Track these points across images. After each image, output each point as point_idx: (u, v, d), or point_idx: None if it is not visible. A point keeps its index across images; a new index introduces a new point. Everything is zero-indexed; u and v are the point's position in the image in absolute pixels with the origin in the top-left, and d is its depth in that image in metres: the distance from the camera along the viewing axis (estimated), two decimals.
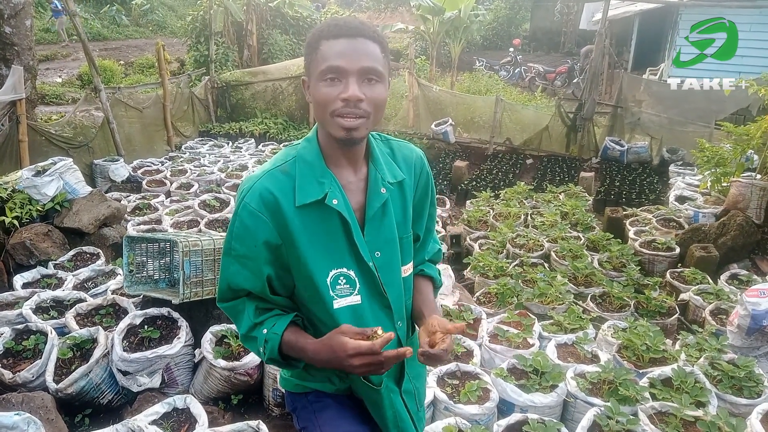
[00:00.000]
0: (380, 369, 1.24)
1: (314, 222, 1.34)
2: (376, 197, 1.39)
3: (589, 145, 9.28)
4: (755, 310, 3.29)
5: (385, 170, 1.42)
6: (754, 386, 3.01)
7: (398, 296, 1.47)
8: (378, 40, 1.28)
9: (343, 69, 1.23)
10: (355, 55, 1.24)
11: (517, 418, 2.72)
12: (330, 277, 1.36)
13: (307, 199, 1.31)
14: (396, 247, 1.44)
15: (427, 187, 1.55)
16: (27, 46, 6.33)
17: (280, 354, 1.38)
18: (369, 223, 1.39)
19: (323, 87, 1.25)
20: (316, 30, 1.31)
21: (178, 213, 5.96)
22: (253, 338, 1.40)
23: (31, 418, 2.42)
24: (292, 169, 1.35)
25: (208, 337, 3.23)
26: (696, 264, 4.86)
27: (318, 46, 1.27)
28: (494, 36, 20.88)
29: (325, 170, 1.35)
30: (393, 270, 1.44)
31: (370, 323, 1.40)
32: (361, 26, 1.27)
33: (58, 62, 15.84)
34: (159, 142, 9.03)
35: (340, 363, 1.25)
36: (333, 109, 1.25)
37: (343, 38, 1.25)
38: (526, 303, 4.15)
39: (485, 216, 6.26)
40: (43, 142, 6.58)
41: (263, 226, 1.31)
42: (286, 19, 14.27)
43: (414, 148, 1.54)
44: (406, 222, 1.47)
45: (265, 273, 1.36)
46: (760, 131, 5.52)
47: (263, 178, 1.33)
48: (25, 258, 4.41)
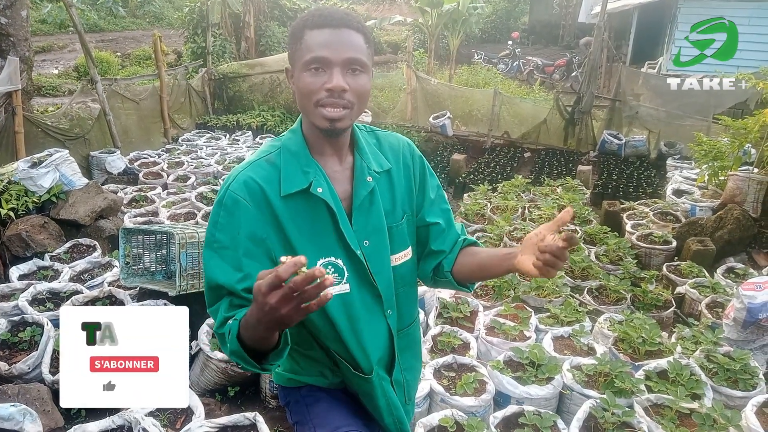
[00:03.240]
0: (300, 300, 1.01)
1: (301, 211, 1.33)
2: (362, 186, 1.39)
3: (587, 139, 9.26)
4: (751, 303, 3.30)
5: (371, 159, 1.42)
6: (749, 379, 3.02)
7: (388, 285, 1.46)
8: (362, 31, 1.29)
9: (328, 59, 1.23)
10: (340, 45, 1.24)
11: (513, 410, 2.73)
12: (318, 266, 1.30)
13: (292, 188, 1.31)
14: (384, 235, 1.43)
15: (424, 171, 1.54)
16: (23, 36, 6.28)
17: (239, 341, 1.19)
18: (356, 211, 1.39)
19: (307, 77, 1.25)
20: (300, 19, 1.31)
21: (175, 205, 5.94)
22: (221, 334, 1.28)
23: (27, 410, 2.42)
24: (277, 159, 1.35)
25: (204, 330, 3.23)
26: (692, 257, 4.87)
27: (302, 35, 1.27)
28: (493, 29, 20.80)
29: (310, 159, 1.36)
30: (382, 259, 1.44)
31: (360, 312, 1.40)
32: (346, 17, 1.28)
33: (55, 53, 15.75)
34: (156, 134, 8.99)
35: (263, 311, 1.05)
36: (317, 99, 1.25)
37: (328, 28, 1.25)
38: (522, 296, 4.15)
39: (483, 209, 6.25)
40: (39, 134, 6.54)
41: (248, 214, 1.29)
42: (284, 11, 14.20)
43: (400, 137, 1.54)
44: (395, 211, 1.46)
45: (244, 267, 1.28)
46: (757, 125, 5.51)
47: (248, 168, 1.33)
48: (21, 250, 4.40)
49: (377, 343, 1.47)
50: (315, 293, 1.00)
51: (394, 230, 1.46)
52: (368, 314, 1.44)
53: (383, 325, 1.48)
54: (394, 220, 1.46)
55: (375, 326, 1.46)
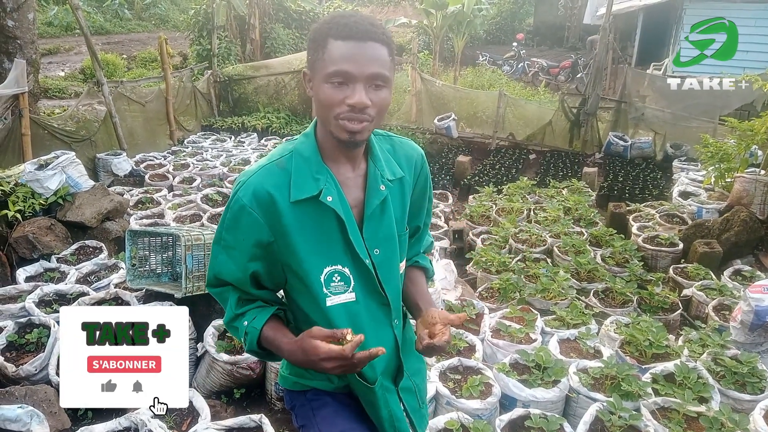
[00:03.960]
0: (354, 369, 1.25)
1: (309, 218, 1.32)
2: (375, 194, 1.37)
3: (593, 141, 9.24)
4: (758, 306, 3.28)
5: (384, 167, 1.40)
6: (757, 382, 3.00)
7: (396, 294, 1.46)
8: (387, 43, 1.26)
9: (352, 74, 1.21)
10: (365, 60, 1.21)
11: (520, 413, 2.73)
12: (324, 274, 1.34)
13: (301, 194, 1.30)
14: (395, 244, 1.43)
15: (426, 185, 1.56)
16: (29, 39, 6.33)
17: (259, 347, 1.39)
18: (368, 220, 1.38)
19: (329, 89, 1.23)
20: (323, 25, 1.27)
21: (181, 207, 5.96)
22: (234, 328, 1.43)
23: (34, 411, 2.43)
24: (288, 163, 1.34)
25: (210, 331, 3.24)
26: (699, 260, 4.84)
27: (325, 44, 1.23)
28: (497, 30, 20.79)
29: (322, 166, 1.34)
30: (392, 267, 1.43)
31: (365, 321, 1.40)
32: (372, 28, 1.24)
33: (61, 56, 15.83)
34: (162, 136, 9.02)
35: (314, 365, 1.25)
36: (338, 112, 1.23)
37: (353, 41, 1.21)
38: (528, 298, 4.14)
39: (488, 211, 6.25)
40: (46, 136, 6.57)
41: (254, 223, 1.30)
42: (289, 13, 14.23)
43: (416, 147, 1.53)
44: (403, 219, 1.47)
45: (250, 269, 1.36)
46: (764, 127, 5.49)
47: (258, 173, 1.32)
48: (28, 252, 4.42)
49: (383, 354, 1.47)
50: (365, 364, 1.22)
51: (402, 238, 1.47)
52: (374, 323, 1.43)
53: (390, 335, 1.47)
54: (401, 229, 1.46)
55: (381, 336, 1.45)
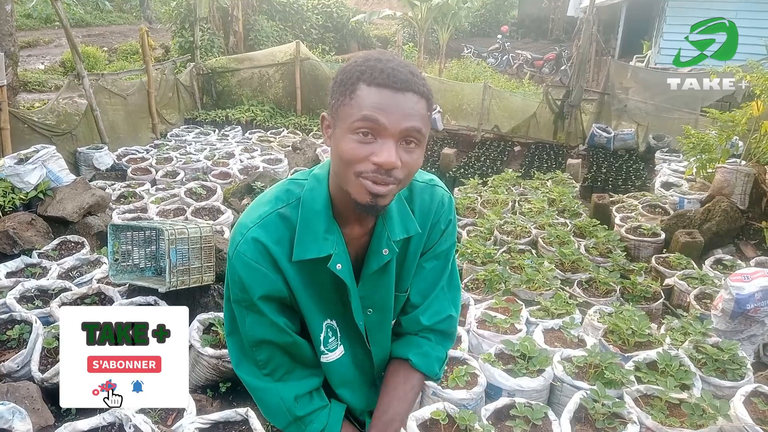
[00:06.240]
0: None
1: (309, 275, 1.21)
2: (375, 259, 1.24)
3: (577, 132, 9.31)
4: (739, 294, 3.33)
5: (394, 226, 1.23)
6: (738, 369, 3.05)
7: (384, 354, 1.40)
8: (427, 96, 1.08)
9: (383, 127, 1.03)
10: (399, 112, 1.03)
11: (505, 402, 2.75)
12: (323, 330, 1.29)
13: (306, 255, 1.16)
14: (390, 306, 1.33)
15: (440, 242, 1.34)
16: (7, 31, 6.21)
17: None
18: (365, 279, 1.26)
19: (353, 141, 1.04)
20: (353, 66, 1.07)
21: (164, 201, 5.90)
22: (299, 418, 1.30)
23: (16, 408, 2.40)
24: (293, 214, 1.17)
25: (195, 326, 3.21)
26: (681, 249, 4.91)
27: (355, 89, 1.05)
28: (482, 23, 20.79)
29: (332, 224, 1.18)
30: (383, 329, 1.36)
31: (350, 373, 1.37)
32: (411, 77, 1.05)
33: (41, 48, 15.55)
34: (144, 129, 8.93)
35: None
36: (360, 170, 1.05)
37: (388, 90, 1.03)
38: (513, 289, 4.17)
39: (473, 203, 6.27)
40: (26, 130, 6.47)
41: (263, 278, 1.17)
42: (273, 5, 14.12)
43: (437, 193, 1.31)
44: (402, 279, 1.33)
45: (279, 322, 1.22)
46: (745, 118, 5.56)
47: (258, 227, 1.16)
48: (9, 247, 4.36)
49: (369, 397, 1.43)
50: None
51: (399, 299, 1.35)
52: (361, 375, 1.40)
53: (372, 382, 1.44)
54: (401, 290, 1.34)
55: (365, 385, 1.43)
